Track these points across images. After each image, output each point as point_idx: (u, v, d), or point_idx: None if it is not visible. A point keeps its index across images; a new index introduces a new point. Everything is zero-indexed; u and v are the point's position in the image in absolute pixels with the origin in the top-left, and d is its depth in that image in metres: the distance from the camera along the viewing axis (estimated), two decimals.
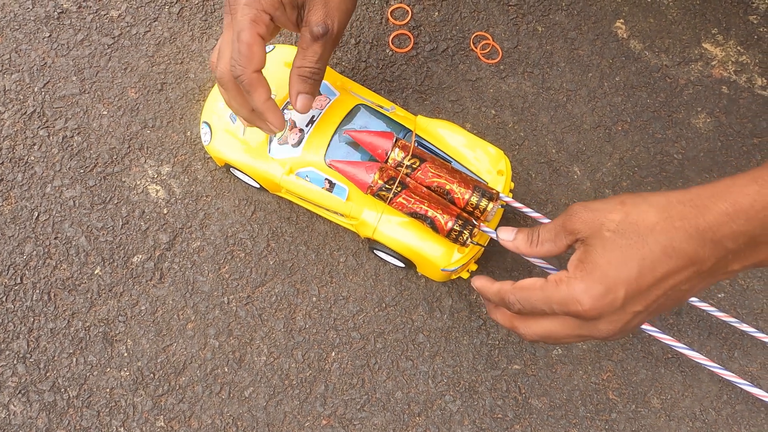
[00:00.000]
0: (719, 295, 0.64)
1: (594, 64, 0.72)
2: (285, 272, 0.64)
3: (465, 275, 0.60)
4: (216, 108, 0.62)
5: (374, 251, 0.62)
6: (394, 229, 0.56)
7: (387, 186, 0.52)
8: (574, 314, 0.38)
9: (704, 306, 0.58)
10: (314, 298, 0.63)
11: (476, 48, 0.72)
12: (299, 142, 0.58)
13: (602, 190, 0.67)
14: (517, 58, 0.72)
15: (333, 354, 0.62)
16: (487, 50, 0.72)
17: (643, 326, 0.53)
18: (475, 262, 0.60)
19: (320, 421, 0.60)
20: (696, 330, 0.63)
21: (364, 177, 0.52)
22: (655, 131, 0.70)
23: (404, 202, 0.52)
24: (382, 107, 0.59)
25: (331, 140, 0.56)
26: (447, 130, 0.59)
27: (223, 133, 0.61)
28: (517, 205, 0.57)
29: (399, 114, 0.60)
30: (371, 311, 0.63)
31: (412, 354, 0.62)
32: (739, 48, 0.73)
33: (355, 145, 0.56)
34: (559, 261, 0.65)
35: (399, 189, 0.52)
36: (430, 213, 0.52)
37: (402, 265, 0.61)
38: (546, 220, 0.57)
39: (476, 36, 0.72)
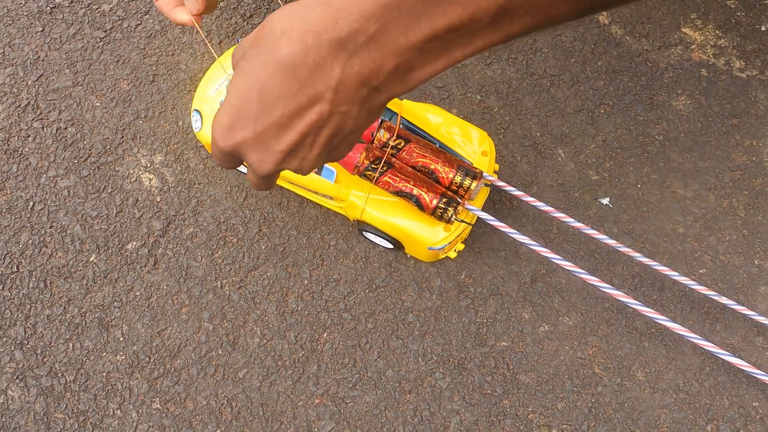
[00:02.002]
0: (701, 271, 0.65)
1: (576, 50, 0.74)
2: (277, 256, 0.65)
3: (452, 255, 0.61)
4: (207, 96, 0.63)
5: (363, 233, 0.64)
6: (382, 210, 0.58)
7: (373, 166, 0.54)
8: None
9: (686, 281, 0.59)
10: (306, 281, 0.65)
11: None
12: None
13: (586, 171, 0.69)
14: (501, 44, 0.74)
15: (325, 335, 0.63)
16: None
17: (626, 300, 0.54)
18: (462, 242, 0.61)
19: (313, 400, 0.61)
20: (678, 305, 0.64)
21: (350, 157, 0.54)
22: (636, 113, 0.71)
23: (390, 181, 0.54)
24: None
25: None
26: (432, 113, 0.61)
27: None
28: (500, 184, 0.58)
29: None
30: (362, 293, 0.64)
31: (403, 333, 0.63)
32: (717, 32, 0.74)
33: None
34: (545, 240, 0.66)
35: (385, 168, 0.54)
36: (416, 191, 0.53)
37: (391, 246, 0.63)
38: (529, 199, 0.59)
39: None
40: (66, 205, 0.67)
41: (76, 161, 0.68)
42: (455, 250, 0.61)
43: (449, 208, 0.53)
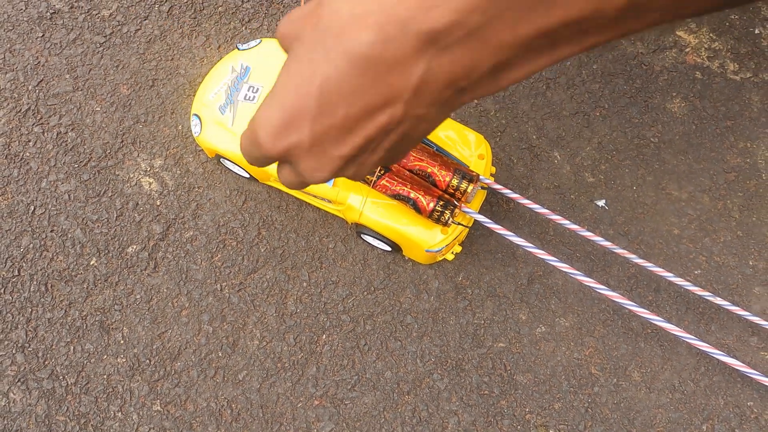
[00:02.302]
0: (696, 272, 0.66)
1: None
2: (276, 259, 0.66)
3: (450, 257, 0.62)
4: (206, 100, 0.64)
5: (362, 236, 0.64)
6: (379, 213, 0.58)
7: None
8: (255, 153, 0.27)
9: (681, 282, 0.60)
10: (305, 284, 0.65)
11: None
12: None
13: (581, 174, 0.70)
14: None
15: (324, 337, 0.64)
16: None
17: (622, 301, 0.55)
18: (459, 244, 0.62)
19: (312, 401, 0.62)
20: (674, 306, 0.65)
21: None
22: (632, 116, 0.72)
23: (387, 184, 0.54)
24: None
25: None
26: None
27: (213, 124, 0.63)
28: (497, 187, 0.59)
29: None
30: (360, 295, 0.65)
31: (401, 335, 0.64)
32: (711, 35, 0.75)
33: None
34: (542, 242, 0.67)
35: (382, 172, 0.54)
36: (413, 194, 0.54)
37: (389, 248, 0.63)
38: (525, 201, 0.59)
39: None
40: (67, 209, 0.67)
41: (76, 165, 0.68)
42: (452, 253, 0.62)
43: (446, 211, 0.54)
